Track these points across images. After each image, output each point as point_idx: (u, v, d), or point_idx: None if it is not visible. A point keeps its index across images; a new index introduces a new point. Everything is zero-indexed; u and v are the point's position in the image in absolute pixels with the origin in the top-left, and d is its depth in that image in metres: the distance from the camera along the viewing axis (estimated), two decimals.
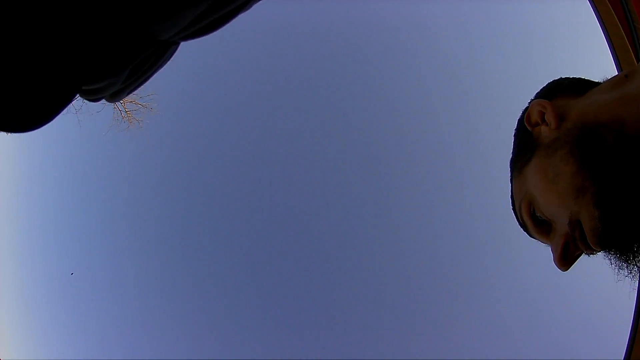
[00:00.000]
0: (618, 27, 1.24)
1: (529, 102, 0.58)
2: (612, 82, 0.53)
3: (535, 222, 0.54)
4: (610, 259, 0.47)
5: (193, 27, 0.41)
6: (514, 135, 0.60)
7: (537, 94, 0.61)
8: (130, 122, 7.84)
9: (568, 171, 0.48)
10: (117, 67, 0.45)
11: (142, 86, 0.46)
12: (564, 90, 0.57)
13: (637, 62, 1.23)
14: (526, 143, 0.57)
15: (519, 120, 0.60)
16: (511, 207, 0.60)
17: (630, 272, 0.46)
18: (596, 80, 0.57)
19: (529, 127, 0.56)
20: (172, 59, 0.45)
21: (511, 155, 0.60)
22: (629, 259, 0.45)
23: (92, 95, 0.48)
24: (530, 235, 0.56)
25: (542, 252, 0.57)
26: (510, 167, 0.60)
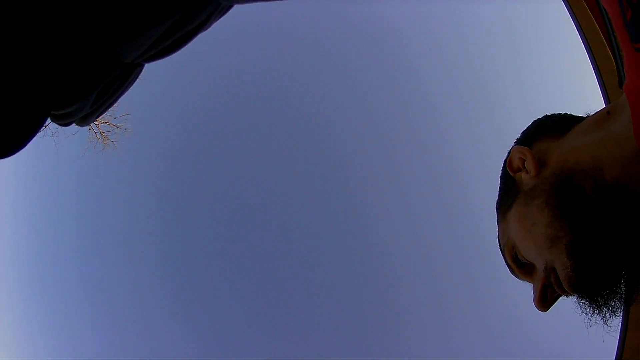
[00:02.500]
0: (598, 33, 1.26)
1: (511, 148, 0.60)
2: (594, 120, 0.53)
3: (518, 265, 0.56)
4: (581, 303, 0.48)
5: (155, 48, 0.42)
6: (500, 178, 0.62)
7: (521, 134, 0.62)
8: (105, 143, 7.97)
9: (543, 221, 0.50)
10: (84, 91, 0.45)
11: (109, 109, 0.47)
12: (546, 131, 0.58)
13: (617, 69, 1.25)
14: (509, 188, 0.58)
15: (503, 164, 0.61)
16: (498, 247, 0.62)
17: (603, 317, 0.47)
18: (580, 115, 0.57)
19: (511, 173, 0.58)
20: (139, 79, 0.46)
21: (497, 198, 0.61)
22: (600, 304, 0.46)
23: (62, 120, 0.49)
24: (516, 276, 0.58)
25: None
26: (496, 210, 0.61)
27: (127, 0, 0.39)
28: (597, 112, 0.54)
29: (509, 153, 0.59)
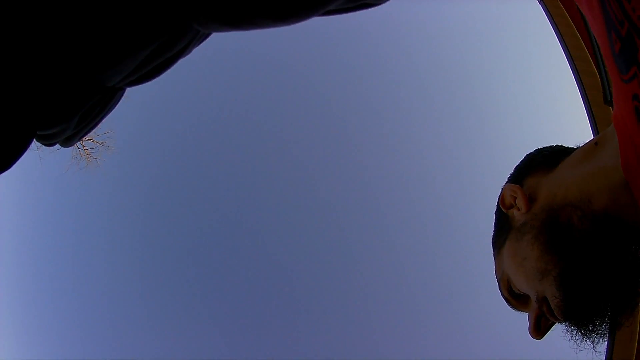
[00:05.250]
0: (577, 39, 1.28)
1: (504, 185, 0.62)
2: (582, 152, 0.55)
3: (513, 297, 0.58)
4: (571, 329, 0.50)
5: (136, 73, 0.43)
6: (495, 214, 0.64)
7: (514, 169, 0.64)
8: (89, 160, 8.04)
9: (533, 255, 0.52)
10: (67, 114, 0.46)
11: (92, 130, 0.48)
12: (537, 166, 0.60)
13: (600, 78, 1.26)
14: (502, 224, 0.61)
15: (497, 201, 0.63)
16: (496, 280, 0.64)
17: (592, 342, 0.49)
18: (570, 147, 0.59)
19: (503, 210, 0.60)
20: (120, 102, 0.47)
21: (492, 234, 0.64)
22: (589, 330, 0.48)
23: (47, 140, 0.50)
24: (512, 308, 0.60)
25: None
26: (492, 246, 0.63)
27: (109, 28, 0.40)
28: (586, 143, 0.56)
29: (501, 191, 0.61)
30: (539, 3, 1.15)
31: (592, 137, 0.56)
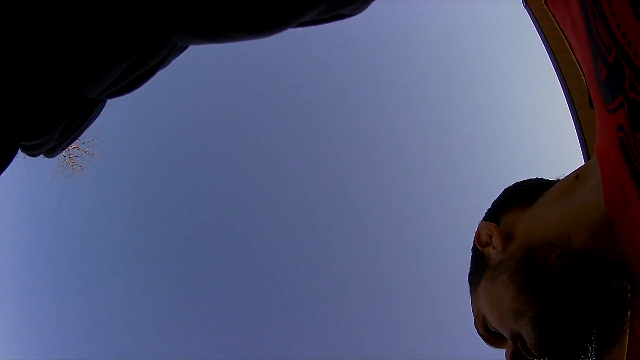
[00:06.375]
0: (568, 53, 1.30)
1: (480, 222, 0.61)
2: (562, 187, 0.54)
3: (489, 334, 0.58)
4: None
5: (117, 85, 0.44)
6: (471, 250, 0.63)
7: (492, 204, 0.63)
8: (74, 168, 8.07)
9: (508, 296, 0.51)
10: (52, 125, 0.47)
11: (75, 141, 0.49)
12: (514, 202, 0.59)
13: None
14: (479, 262, 0.60)
15: (474, 237, 0.62)
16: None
17: None
18: (551, 180, 0.58)
19: (479, 248, 0.59)
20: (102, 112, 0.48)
21: (469, 270, 0.63)
22: None
23: (31, 151, 0.51)
24: (489, 345, 0.60)
25: None
26: (469, 283, 0.63)
27: (90, 42, 0.41)
28: (566, 177, 0.55)
29: (477, 228, 0.60)
30: (524, 7, 1.17)
31: (578, 138, 0.56)
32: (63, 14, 0.39)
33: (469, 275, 0.62)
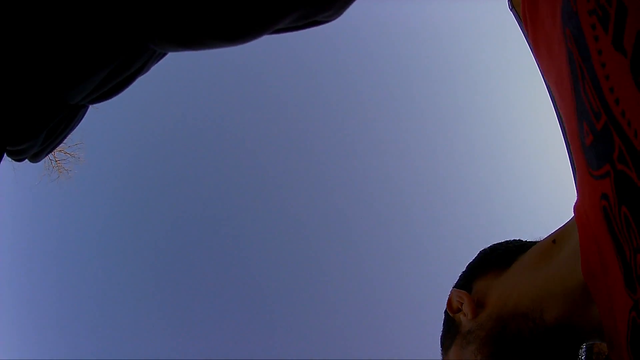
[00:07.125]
0: None
1: (452, 288, 0.61)
2: (539, 252, 0.53)
3: None
4: None
5: (97, 92, 0.45)
6: (444, 313, 0.63)
7: (467, 267, 0.62)
8: (60, 171, 8.08)
9: None
10: (36, 131, 0.49)
11: (58, 146, 0.50)
12: (488, 267, 0.58)
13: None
14: (450, 326, 0.60)
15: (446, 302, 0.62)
16: None
17: None
18: (528, 242, 0.57)
19: (450, 313, 0.59)
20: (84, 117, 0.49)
21: (441, 332, 0.63)
22: None
23: (16, 156, 0.52)
24: None
25: None
26: (440, 344, 0.63)
27: (71, 50, 0.42)
28: (543, 241, 0.54)
29: (449, 294, 0.60)
30: (510, 10, 1.18)
31: (565, 144, 0.56)
32: (45, 25, 0.41)
33: (441, 338, 0.62)
